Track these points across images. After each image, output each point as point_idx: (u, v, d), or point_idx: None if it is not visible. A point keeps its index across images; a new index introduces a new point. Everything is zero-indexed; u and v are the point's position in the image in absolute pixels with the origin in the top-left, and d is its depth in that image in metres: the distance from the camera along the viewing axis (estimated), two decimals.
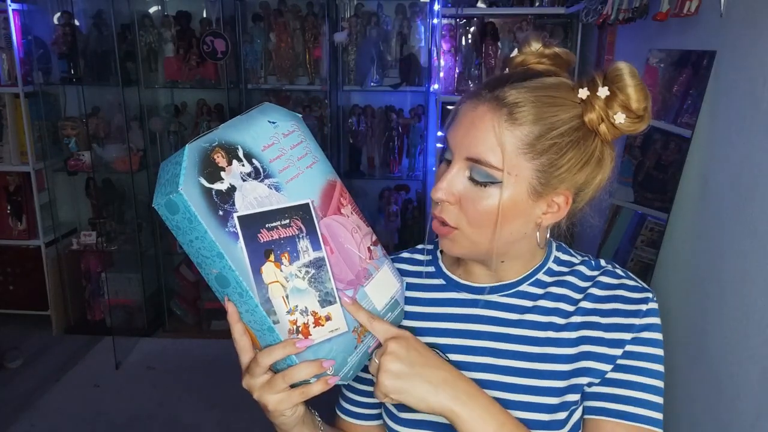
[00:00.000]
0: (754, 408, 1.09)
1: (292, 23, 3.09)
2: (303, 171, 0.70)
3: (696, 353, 1.33)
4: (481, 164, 0.67)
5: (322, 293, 0.68)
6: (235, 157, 0.65)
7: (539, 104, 0.66)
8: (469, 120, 0.68)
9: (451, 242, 0.73)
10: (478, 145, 0.67)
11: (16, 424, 2.47)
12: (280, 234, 0.66)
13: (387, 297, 0.75)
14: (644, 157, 1.65)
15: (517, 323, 0.76)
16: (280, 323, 0.65)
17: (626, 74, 0.66)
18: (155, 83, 3.22)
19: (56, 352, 3.05)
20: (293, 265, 0.66)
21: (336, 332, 0.68)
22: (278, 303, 0.65)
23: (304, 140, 0.72)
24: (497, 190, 0.67)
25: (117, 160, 3.12)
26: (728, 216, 1.22)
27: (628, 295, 0.73)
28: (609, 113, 0.66)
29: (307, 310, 0.67)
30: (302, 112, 3.17)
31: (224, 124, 0.67)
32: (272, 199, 0.67)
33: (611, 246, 1.78)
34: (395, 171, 3.20)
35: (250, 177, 0.65)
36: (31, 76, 3.02)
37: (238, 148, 0.66)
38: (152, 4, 3.21)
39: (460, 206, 0.70)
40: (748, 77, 1.16)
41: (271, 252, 0.66)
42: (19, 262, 3.20)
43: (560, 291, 0.76)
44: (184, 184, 0.61)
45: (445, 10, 2.74)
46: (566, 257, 0.80)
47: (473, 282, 0.79)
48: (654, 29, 1.73)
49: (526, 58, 0.74)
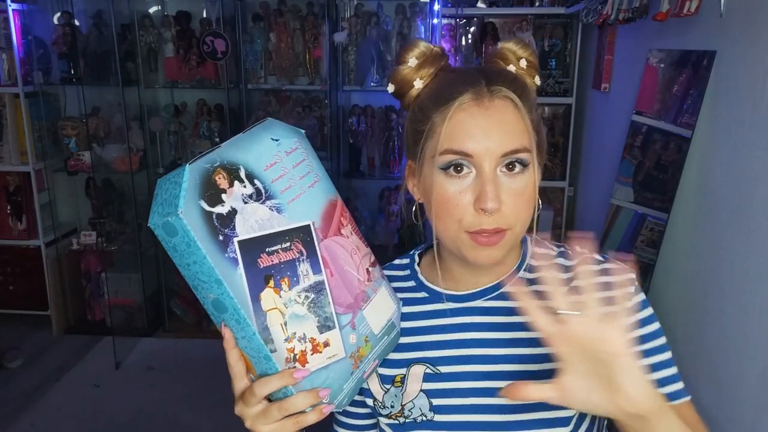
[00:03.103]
0: (754, 408, 1.09)
1: (292, 23, 3.09)
2: (305, 191, 0.68)
3: (696, 353, 1.33)
4: (520, 152, 0.68)
5: (321, 318, 0.66)
6: (237, 178, 0.63)
7: (524, 89, 0.72)
8: (491, 121, 0.68)
9: (497, 249, 0.70)
10: (512, 136, 0.68)
11: (16, 424, 2.47)
12: (281, 258, 0.64)
13: (384, 320, 0.73)
14: (644, 157, 1.66)
15: (506, 326, 0.75)
16: (277, 351, 0.64)
17: (510, 43, 0.76)
18: (155, 83, 3.22)
19: (56, 352, 3.05)
20: (293, 290, 0.65)
21: (333, 358, 0.67)
22: (276, 331, 0.63)
23: (306, 158, 0.69)
24: (530, 172, 0.69)
25: (117, 160, 3.12)
26: (728, 216, 1.22)
27: (614, 279, 0.72)
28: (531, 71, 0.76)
29: (305, 337, 0.65)
30: (302, 112, 3.17)
31: (226, 142, 0.65)
32: (273, 222, 0.64)
33: (611, 246, 1.78)
34: (395, 171, 3.19)
35: (252, 199, 0.63)
36: (31, 76, 3.02)
37: (240, 168, 0.63)
38: (152, 4, 3.21)
39: (507, 206, 0.68)
40: (748, 77, 1.16)
41: (271, 277, 0.64)
42: (19, 262, 3.20)
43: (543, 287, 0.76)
44: (185, 207, 0.58)
45: (445, 10, 2.74)
46: (543, 251, 0.79)
47: (454, 290, 0.79)
48: (654, 29, 1.73)
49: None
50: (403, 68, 0.75)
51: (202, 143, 3.15)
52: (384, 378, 0.79)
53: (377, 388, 0.79)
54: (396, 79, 0.76)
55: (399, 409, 0.77)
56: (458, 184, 0.69)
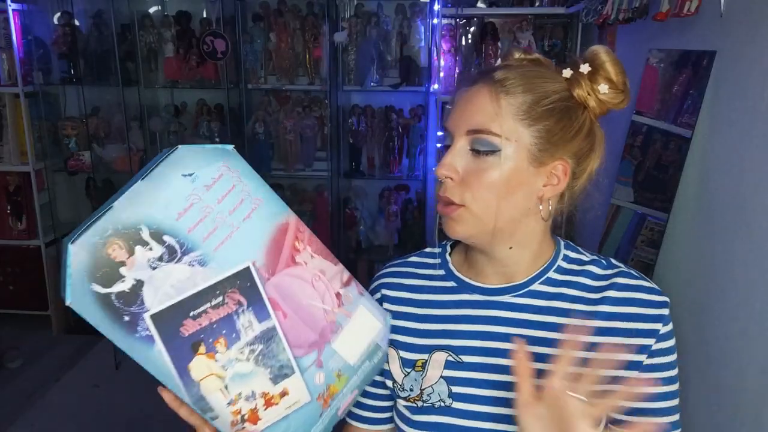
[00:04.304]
0: (754, 408, 1.09)
1: (292, 23, 3.09)
2: (238, 227, 0.57)
3: (696, 353, 1.33)
4: (482, 133, 0.69)
5: (275, 368, 0.60)
6: (139, 243, 0.53)
7: (529, 77, 0.71)
8: (465, 100, 0.72)
9: (455, 222, 0.72)
10: (477, 115, 0.70)
11: (16, 424, 2.47)
12: (211, 318, 0.57)
13: (364, 345, 0.65)
14: (644, 157, 1.65)
15: (531, 324, 0.76)
16: (219, 417, 0.59)
17: (602, 53, 0.73)
18: (155, 83, 3.22)
19: (56, 352, 3.05)
20: (232, 349, 0.58)
21: (295, 406, 0.62)
22: (215, 398, 0.58)
23: (237, 183, 0.57)
24: (499, 159, 0.69)
25: (117, 160, 3.12)
26: (728, 216, 1.22)
27: (648, 298, 0.74)
28: (593, 86, 0.72)
29: (254, 395, 0.59)
30: (302, 112, 3.17)
31: (123, 197, 0.53)
32: (197, 279, 0.55)
33: (611, 246, 1.78)
34: (395, 171, 3.19)
35: (163, 261, 0.54)
36: (31, 76, 3.02)
37: (142, 229, 0.53)
38: (152, 4, 3.21)
39: (464, 183, 0.71)
40: (748, 77, 1.16)
41: (201, 343, 0.57)
42: (19, 262, 3.19)
43: (573, 292, 0.76)
44: (72, 297, 0.52)
45: (445, 10, 2.74)
46: (575, 255, 0.80)
47: (484, 283, 0.79)
48: (654, 29, 1.73)
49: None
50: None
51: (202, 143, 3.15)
52: (405, 362, 0.80)
53: (398, 371, 0.80)
54: None
55: (418, 393, 0.78)
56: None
